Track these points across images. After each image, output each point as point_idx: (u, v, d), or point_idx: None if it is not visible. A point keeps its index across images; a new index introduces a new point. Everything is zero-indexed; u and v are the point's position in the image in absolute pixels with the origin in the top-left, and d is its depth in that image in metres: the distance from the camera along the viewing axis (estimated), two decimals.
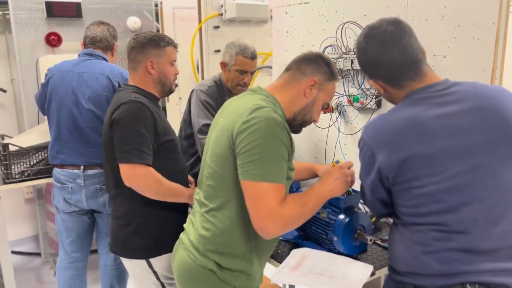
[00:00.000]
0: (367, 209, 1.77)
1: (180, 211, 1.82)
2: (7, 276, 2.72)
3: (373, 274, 1.52)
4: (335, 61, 1.96)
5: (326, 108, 1.56)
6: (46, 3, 3.12)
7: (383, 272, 1.58)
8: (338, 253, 1.62)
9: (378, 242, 1.73)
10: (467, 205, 1.14)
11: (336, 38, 1.99)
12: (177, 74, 1.90)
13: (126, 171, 1.66)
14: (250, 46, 2.32)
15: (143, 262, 1.77)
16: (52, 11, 3.15)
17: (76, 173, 2.34)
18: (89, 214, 2.49)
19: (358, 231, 1.60)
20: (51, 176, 2.71)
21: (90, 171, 2.34)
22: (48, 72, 2.44)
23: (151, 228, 1.76)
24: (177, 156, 1.84)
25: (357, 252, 1.63)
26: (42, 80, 3.15)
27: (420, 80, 1.24)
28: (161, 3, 3.49)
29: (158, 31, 3.69)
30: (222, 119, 1.44)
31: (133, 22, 3.50)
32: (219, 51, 3.13)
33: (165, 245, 1.74)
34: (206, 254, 1.40)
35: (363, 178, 1.31)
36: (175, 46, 1.87)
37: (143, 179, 1.66)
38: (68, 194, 2.36)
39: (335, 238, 1.58)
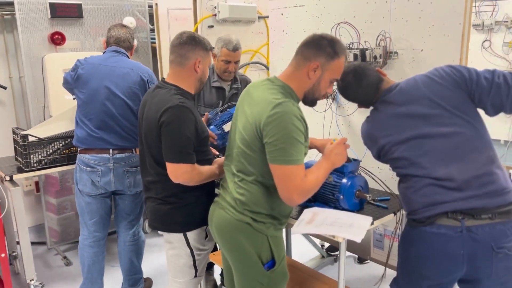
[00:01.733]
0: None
1: (209, 192, 2.10)
2: (27, 262, 2.93)
3: (372, 223, 1.91)
4: None
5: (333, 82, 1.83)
6: (50, 4, 3.33)
7: (379, 222, 1.97)
8: (343, 209, 2.00)
9: (372, 201, 2.13)
10: (424, 156, 1.61)
11: None
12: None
13: (172, 170, 1.89)
14: (233, 40, 2.66)
15: (180, 235, 2.04)
16: (56, 11, 3.35)
17: (106, 157, 2.59)
18: (111, 197, 2.76)
19: (358, 191, 1.99)
20: (66, 164, 2.97)
21: (118, 155, 2.60)
22: (78, 63, 2.62)
23: (186, 207, 2.02)
24: (207, 148, 2.09)
25: (357, 208, 2.02)
26: (48, 77, 3.38)
27: (379, 94, 1.80)
28: (156, 4, 3.75)
29: (152, 30, 3.96)
30: (248, 108, 1.71)
31: (129, 22, 3.75)
32: (213, 48, 3.44)
33: (198, 220, 2.05)
34: (243, 212, 1.74)
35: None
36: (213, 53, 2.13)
37: (188, 174, 1.90)
38: (97, 177, 2.60)
39: (341, 197, 1.96)
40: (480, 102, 1.61)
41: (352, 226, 1.86)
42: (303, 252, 3.30)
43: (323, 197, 2.05)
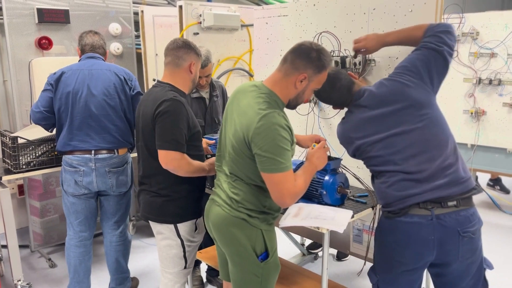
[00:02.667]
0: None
1: (200, 187, 2.26)
2: (14, 262, 2.96)
3: (352, 216, 2.08)
4: None
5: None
6: (38, 9, 3.39)
7: (359, 215, 2.14)
8: (326, 204, 2.16)
9: (352, 197, 2.29)
10: (397, 153, 1.78)
11: None
12: None
13: (163, 156, 2.04)
14: (203, 56, 2.62)
15: (171, 227, 2.18)
16: (43, 17, 3.42)
17: (88, 157, 2.67)
18: (95, 197, 2.83)
19: (340, 187, 2.15)
20: (54, 166, 3.02)
21: (100, 155, 2.68)
22: (58, 71, 2.71)
23: (178, 200, 2.17)
24: (199, 143, 2.24)
25: (339, 203, 2.18)
26: (35, 81, 3.43)
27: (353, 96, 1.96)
28: (142, 11, 3.85)
29: (137, 37, 4.06)
30: (237, 117, 1.81)
31: (115, 28, 3.85)
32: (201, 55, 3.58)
33: (188, 213, 2.20)
34: (238, 209, 1.86)
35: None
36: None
37: (177, 162, 2.04)
38: (80, 177, 2.68)
39: (324, 192, 2.12)
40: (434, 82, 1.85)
41: (334, 219, 2.01)
42: (284, 250, 3.43)
43: (308, 193, 2.20)
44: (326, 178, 2.14)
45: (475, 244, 1.76)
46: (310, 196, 2.20)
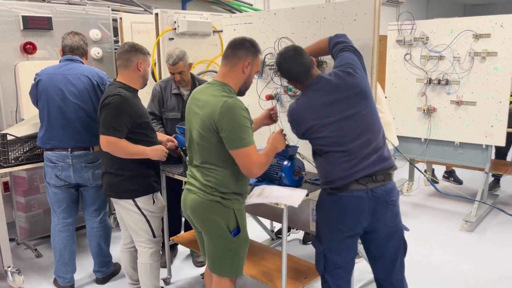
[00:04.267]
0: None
1: (154, 166, 2.66)
2: (4, 249, 3.21)
3: (307, 195, 2.43)
4: (272, 64, 2.87)
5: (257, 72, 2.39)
6: (23, 17, 3.65)
7: (313, 195, 2.49)
8: (285, 185, 2.50)
9: (308, 180, 2.64)
10: (344, 136, 2.10)
11: (274, 48, 2.90)
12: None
13: (101, 140, 2.47)
14: (174, 55, 3.14)
15: (130, 201, 2.57)
16: (28, 23, 3.67)
17: (65, 154, 2.97)
18: (75, 188, 3.12)
19: (297, 170, 2.51)
20: (40, 161, 3.29)
21: (76, 152, 2.99)
22: (36, 76, 3.02)
23: (134, 178, 2.55)
24: (148, 131, 2.62)
25: (296, 184, 2.53)
26: (21, 83, 3.69)
27: (306, 80, 2.21)
28: (120, 18, 4.15)
29: (116, 42, 4.35)
30: (200, 110, 2.12)
31: (95, 33, 4.13)
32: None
33: (144, 189, 2.59)
34: (212, 193, 2.17)
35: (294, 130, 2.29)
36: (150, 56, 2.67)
37: (112, 145, 2.46)
38: (59, 171, 2.98)
39: (283, 175, 2.47)
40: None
41: (291, 196, 2.36)
42: (255, 235, 3.77)
43: (270, 176, 2.55)
44: (285, 162, 2.49)
45: (396, 211, 2.17)
46: (272, 179, 2.55)
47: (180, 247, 3.79)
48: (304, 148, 2.54)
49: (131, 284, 2.91)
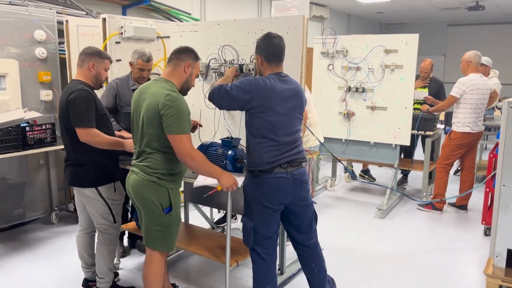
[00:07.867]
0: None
1: (114, 157, 2.93)
2: None
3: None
4: (217, 67, 3.28)
5: (197, 77, 2.74)
6: None
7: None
8: (229, 171, 2.89)
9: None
10: (281, 128, 2.53)
11: (218, 54, 3.31)
12: (107, 77, 2.95)
13: (79, 132, 2.68)
14: (147, 53, 3.49)
15: (93, 189, 2.81)
16: None
17: None
18: None
19: (239, 159, 2.92)
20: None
21: None
22: None
23: (95, 168, 2.80)
24: (108, 123, 2.91)
25: (239, 171, 2.94)
26: None
27: (277, 67, 2.63)
28: (66, 21, 4.31)
29: (61, 43, 4.49)
30: (146, 100, 2.43)
31: (40, 34, 4.25)
32: (120, 60, 4.15)
33: (106, 178, 2.85)
34: (150, 174, 2.49)
35: (234, 90, 2.52)
36: (110, 61, 2.94)
37: (89, 136, 2.70)
38: None
39: (228, 162, 2.87)
40: None
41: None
42: (196, 224, 4.11)
43: (216, 164, 2.92)
44: (229, 152, 2.89)
45: (308, 188, 2.70)
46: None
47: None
48: (245, 141, 2.95)
49: (85, 267, 3.11)
